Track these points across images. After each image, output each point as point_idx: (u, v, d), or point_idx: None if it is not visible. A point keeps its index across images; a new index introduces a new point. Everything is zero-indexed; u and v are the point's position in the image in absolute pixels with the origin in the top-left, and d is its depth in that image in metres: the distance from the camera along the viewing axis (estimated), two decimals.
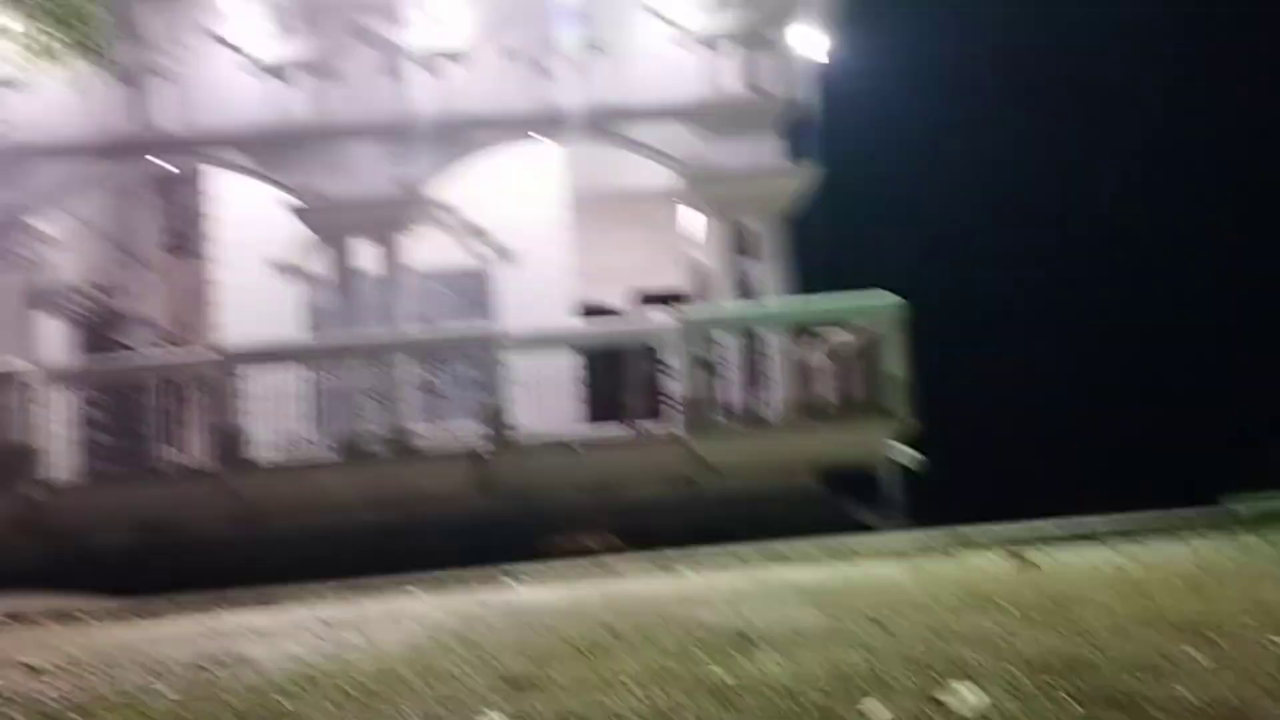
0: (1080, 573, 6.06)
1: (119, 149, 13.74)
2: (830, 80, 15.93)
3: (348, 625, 5.79)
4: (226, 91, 13.90)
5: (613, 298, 18.25)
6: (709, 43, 13.99)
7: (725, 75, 13.97)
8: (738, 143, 13.84)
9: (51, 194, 13.70)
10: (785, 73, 14.67)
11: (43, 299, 14.86)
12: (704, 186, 13.89)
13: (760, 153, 13.90)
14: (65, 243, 14.74)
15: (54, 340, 15.20)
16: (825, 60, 14.94)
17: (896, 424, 12.16)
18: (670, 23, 14.03)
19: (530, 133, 14.15)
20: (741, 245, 14.21)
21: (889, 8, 19.58)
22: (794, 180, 13.92)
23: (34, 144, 13.56)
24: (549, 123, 13.98)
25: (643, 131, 13.95)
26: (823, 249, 15.86)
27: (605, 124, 13.84)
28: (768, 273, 13.96)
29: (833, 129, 16.48)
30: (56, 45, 11.00)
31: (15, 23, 10.85)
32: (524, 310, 15.81)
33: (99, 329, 16.06)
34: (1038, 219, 29.71)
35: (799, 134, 14.98)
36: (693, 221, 16.77)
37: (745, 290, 14.14)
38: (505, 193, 15.93)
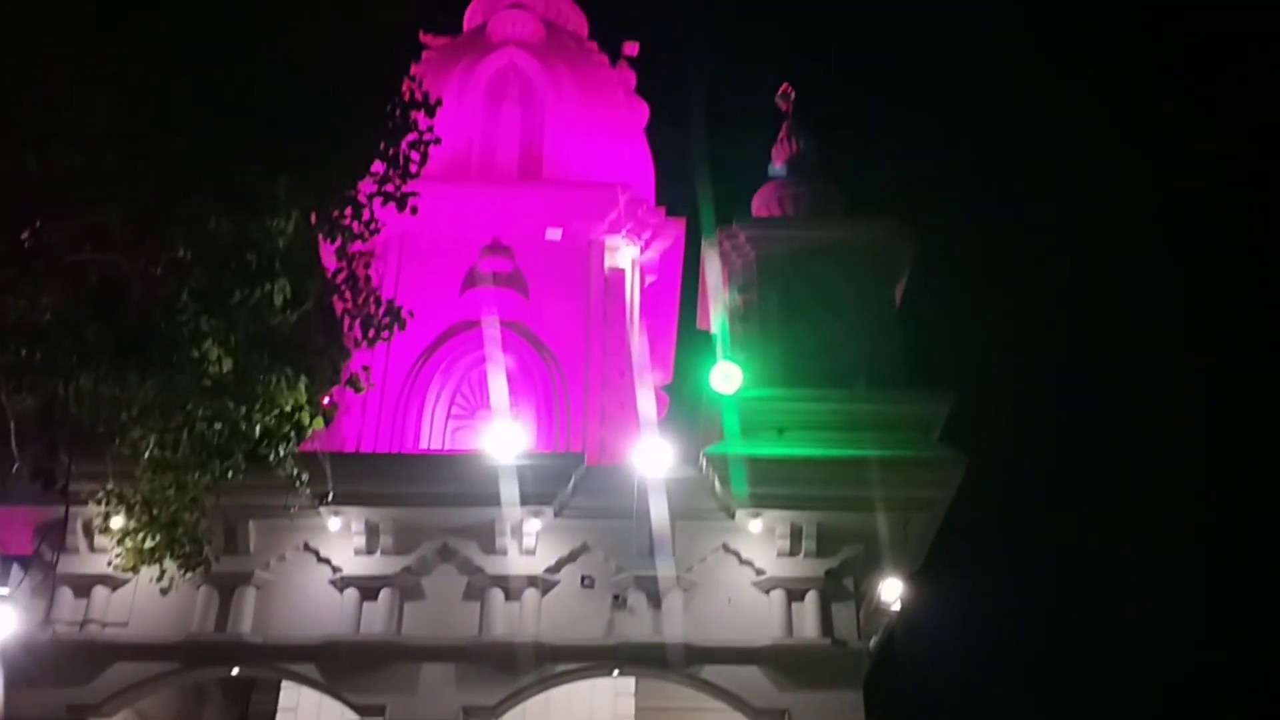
0: None
1: (197, 652, 13.77)
2: (907, 627, 15.87)
3: None
4: (309, 602, 14.11)
5: None
6: (788, 588, 14.06)
7: (804, 621, 13.88)
8: (814, 691, 13.45)
9: (123, 693, 13.56)
10: (863, 621, 14.62)
11: None
12: None
13: (837, 703, 13.46)
14: None
15: None
16: (899, 607, 14.95)
17: None
18: (749, 564, 14.23)
19: (610, 669, 13.94)
20: None
21: (959, 556, 19.90)
22: None
23: (115, 641, 13.70)
24: (624, 656, 13.83)
25: (718, 672, 13.69)
26: None
27: (680, 662, 13.64)
28: None
29: (913, 676, 16.18)
30: (158, 550, 11.40)
31: (123, 523, 11.35)
32: None
33: None
34: None
35: (876, 683, 14.65)
36: None
37: None
38: (570, 717, 15.52)
